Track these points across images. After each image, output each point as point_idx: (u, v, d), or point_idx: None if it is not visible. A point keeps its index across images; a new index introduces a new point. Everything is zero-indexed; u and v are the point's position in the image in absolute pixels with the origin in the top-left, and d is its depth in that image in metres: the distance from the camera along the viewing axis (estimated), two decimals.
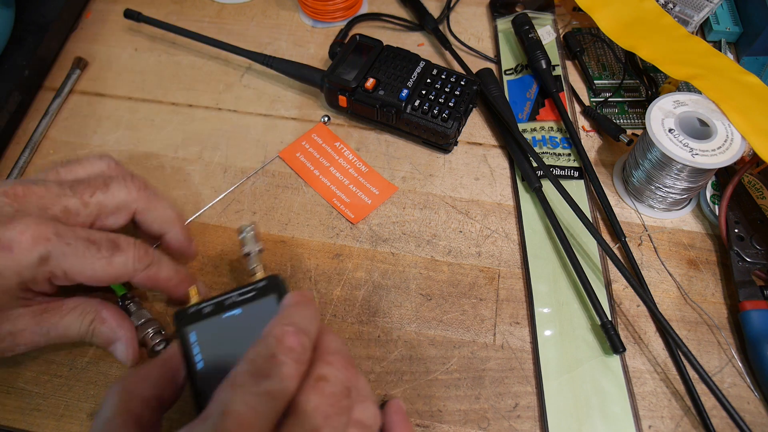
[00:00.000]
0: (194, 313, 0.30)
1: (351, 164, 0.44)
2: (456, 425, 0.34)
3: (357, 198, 0.42)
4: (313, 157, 0.44)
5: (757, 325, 0.35)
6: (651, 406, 0.34)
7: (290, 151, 0.45)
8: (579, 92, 0.47)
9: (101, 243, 0.31)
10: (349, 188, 0.43)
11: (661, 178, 0.38)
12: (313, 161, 0.44)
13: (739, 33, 0.48)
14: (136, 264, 0.32)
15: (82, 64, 0.50)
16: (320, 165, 0.44)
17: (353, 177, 0.43)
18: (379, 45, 0.46)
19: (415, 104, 0.43)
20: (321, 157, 0.44)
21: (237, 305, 0.30)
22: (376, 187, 0.43)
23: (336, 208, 0.42)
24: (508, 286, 0.39)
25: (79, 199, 0.32)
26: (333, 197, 0.42)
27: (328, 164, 0.44)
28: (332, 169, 0.43)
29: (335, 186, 0.43)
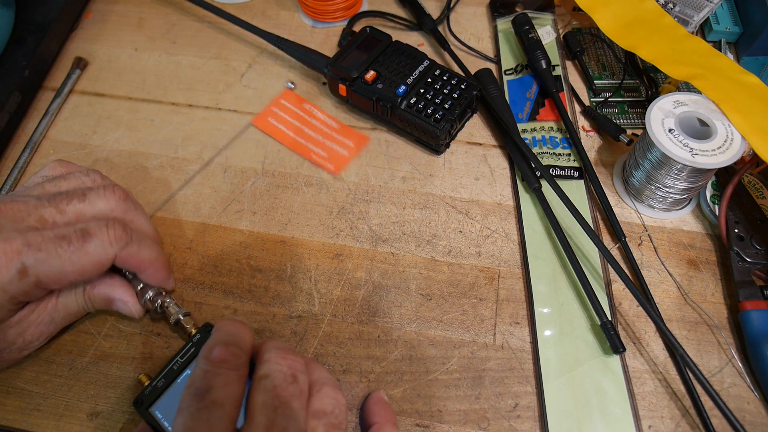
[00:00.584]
0: (151, 392, 0.32)
1: (322, 122, 0.45)
2: (456, 425, 0.34)
3: (333, 151, 0.44)
4: (285, 120, 0.46)
5: (757, 325, 0.35)
6: (651, 406, 0.34)
7: (262, 118, 0.46)
8: (579, 92, 0.47)
9: (71, 236, 0.31)
10: (324, 143, 0.45)
11: (661, 178, 0.38)
12: (285, 124, 0.46)
13: (739, 33, 0.48)
14: (114, 244, 0.32)
15: (82, 64, 0.50)
16: (293, 126, 0.46)
17: (326, 133, 0.45)
18: (387, 39, 0.46)
19: (411, 101, 0.43)
20: (292, 119, 0.46)
21: (185, 366, 0.33)
22: (350, 140, 0.45)
23: (315, 163, 0.44)
24: (508, 286, 0.39)
25: (54, 208, 0.32)
26: (311, 153, 0.44)
27: (300, 124, 0.46)
28: (305, 128, 0.45)
29: (311, 143, 0.45)
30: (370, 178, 0.43)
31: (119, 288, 0.35)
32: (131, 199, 0.36)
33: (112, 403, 0.35)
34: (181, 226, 0.41)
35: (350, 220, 0.41)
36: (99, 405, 0.35)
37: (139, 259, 0.34)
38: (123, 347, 0.37)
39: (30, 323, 0.33)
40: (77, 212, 0.33)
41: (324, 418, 0.28)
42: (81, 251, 0.31)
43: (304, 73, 0.49)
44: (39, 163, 0.45)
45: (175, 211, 0.42)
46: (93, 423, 0.34)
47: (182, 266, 0.40)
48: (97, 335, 0.37)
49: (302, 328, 0.37)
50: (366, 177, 0.43)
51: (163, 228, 0.41)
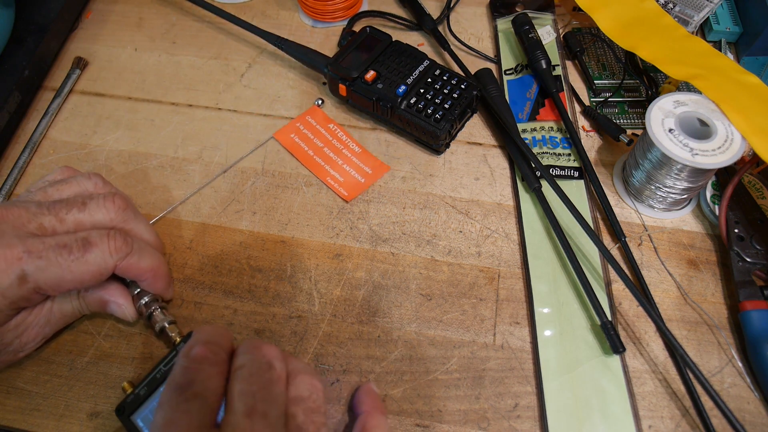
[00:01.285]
0: (133, 400, 0.32)
1: (344, 144, 0.44)
2: (456, 425, 0.34)
3: (350, 176, 0.43)
4: (307, 137, 0.45)
5: (757, 325, 0.35)
6: (651, 406, 0.34)
7: (285, 133, 0.45)
8: (579, 92, 0.47)
9: (71, 245, 0.31)
10: (342, 167, 0.43)
11: (661, 178, 0.38)
12: (307, 141, 0.45)
13: (739, 33, 0.48)
14: (114, 255, 0.32)
15: (82, 64, 0.50)
16: (314, 145, 0.45)
17: (346, 157, 0.44)
18: (387, 39, 0.46)
19: (411, 101, 0.43)
20: (315, 137, 0.45)
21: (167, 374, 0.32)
22: (368, 166, 0.44)
23: (330, 187, 0.43)
24: (508, 286, 0.39)
25: (54, 216, 0.32)
26: (327, 176, 0.43)
27: (322, 144, 0.45)
28: (326, 149, 0.44)
29: (329, 165, 0.44)
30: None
31: (114, 291, 0.35)
32: (131, 207, 0.36)
33: (112, 403, 0.35)
34: (181, 226, 0.41)
35: (350, 220, 0.41)
36: (99, 405, 0.35)
37: (139, 269, 0.34)
38: (123, 347, 0.37)
39: (27, 326, 0.33)
40: (76, 221, 0.33)
41: (302, 403, 0.28)
42: (81, 260, 0.31)
43: (304, 73, 0.49)
44: (39, 163, 0.45)
45: (175, 211, 0.42)
46: (93, 423, 0.34)
47: (182, 266, 0.40)
48: (97, 335, 0.37)
49: (302, 328, 0.37)
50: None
51: (163, 228, 0.41)
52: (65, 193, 0.35)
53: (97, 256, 0.32)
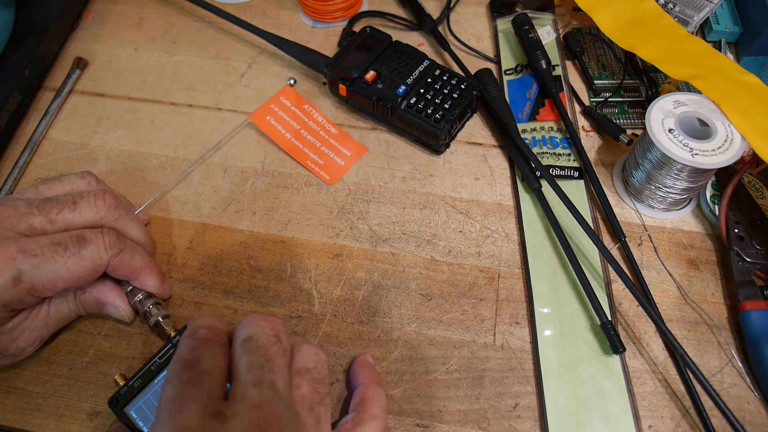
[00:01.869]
0: (127, 391, 0.32)
1: (321, 126, 0.44)
2: (456, 425, 0.34)
3: (330, 159, 0.43)
4: (283, 120, 0.45)
5: (757, 325, 0.35)
6: (651, 406, 0.34)
7: (260, 115, 0.45)
8: (579, 92, 0.47)
9: (66, 242, 0.31)
10: (321, 150, 0.43)
11: (661, 178, 0.38)
12: (283, 124, 0.44)
13: (739, 33, 0.48)
14: (108, 251, 0.33)
15: (82, 64, 0.50)
16: (290, 127, 0.44)
17: (324, 139, 0.44)
18: (387, 39, 0.46)
19: (411, 101, 0.43)
20: (291, 119, 0.45)
21: (162, 367, 0.33)
22: (347, 149, 0.44)
23: (311, 170, 0.43)
24: (508, 286, 0.39)
25: (44, 216, 0.32)
26: (307, 159, 0.43)
27: (299, 127, 0.44)
28: (303, 131, 0.44)
29: (308, 148, 0.44)
30: (370, 178, 0.43)
31: (110, 292, 0.35)
32: (122, 205, 0.36)
33: None
34: (181, 226, 0.41)
35: (350, 220, 0.41)
36: (99, 405, 0.35)
37: (132, 266, 0.34)
38: (123, 347, 0.37)
39: (23, 330, 0.33)
40: (67, 221, 0.33)
41: (307, 374, 0.29)
42: (77, 257, 0.31)
43: (304, 73, 0.49)
44: (39, 163, 0.45)
45: (175, 211, 0.42)
46: (93, 423, 0.34)
47: (182, 266, 0.40)
48: (97, 335, 0.37)
49: (302, 328, 0.37)
50: (366, 177, 0.43)
51: (163, 228, 0.41)
52: (57, 190, 0.35)
53: (92, 252, 0.32)
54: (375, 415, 0.31)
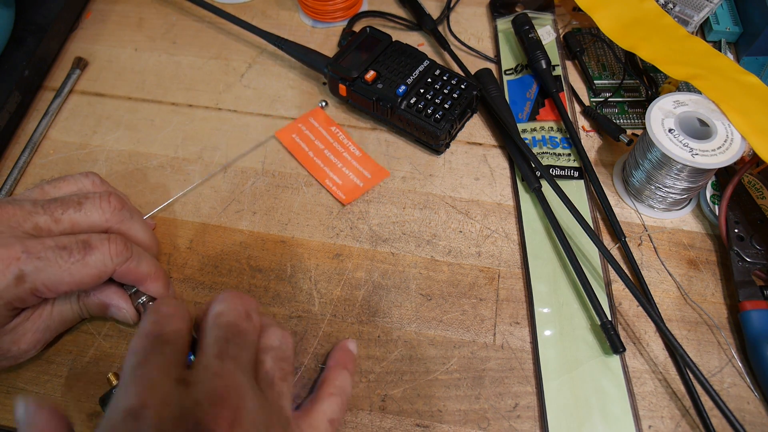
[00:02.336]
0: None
1: (345, 148, 0.44)
2: (456, 425, 0.34)
3: (348, 180, 0.43)
4: (308, 138, 0.45)
5: (757, 325, 0.35)
6: (651, 406, 0.34)
7: (286, 132, 0.45)
8: (579, 92, 0.47)
9: (72, 246, 0.31)
10: (341, 170, 0.43)
11: (661, 178, 0.38)
12: (307, 142, 0.45)
13: (739, 33, 0.48)
14: (114, 259, 0.32)
15: (82, 64, 0.50)
16: (314, 147, 0.44)
17: (346, 160, 0.44)
18: (387, 39, 0.46)
19: (411, 101, 0.43)
20: (316, 139, 0.45)
21: None
22: (368, 171, 0.43)
23: (328, 189, 0.43)
24: (508, 286, 0.39)
25: (50, 216, 0.32)
26: (325, 178, 0.43)
27: (323, 146, 0.44)
28: (326, 151, 0.44)
29: (328, 167, 0.43)
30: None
31: (114, 295, 0.35)
32: (127, 207, 0.36)
33: None
34: (181, 226, 0.41)
35: (350, 220, 0.41)
36: (99, 405, 0.35)
37: (138, 273, 0.34)
38: (123, 347, 0.37)
39: (25, 331, 0.33)
40: (72, 221, 0.33)
41: (272, 351, 0.29)
42: (81, 263, 0.31)
43: (304, 73, 0.49)
44: (39, 163, 0.45)
45: (175, 211, 0.42)
46: (93, 423, 0.34)
47: (182, 266, 0.40)
48: (97, 335, 0.37)
49: (302, 328, 0.37)
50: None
51: (163, 228, 0.41)
52: (62, 190, 0.35)
53: (97, 259, 0.32)
54: (332, 393, 0.32)
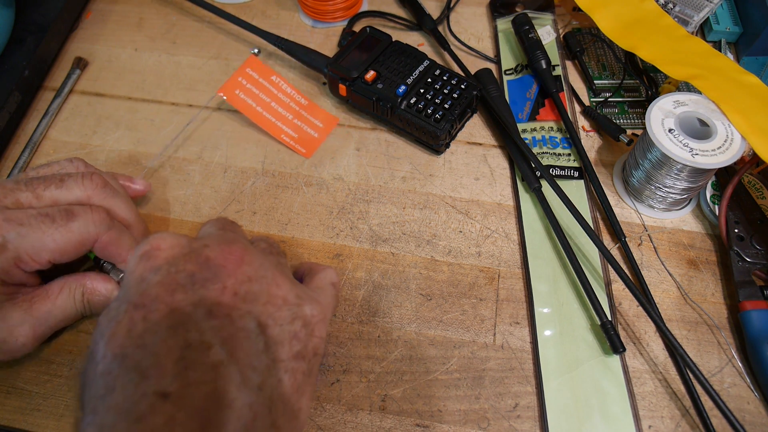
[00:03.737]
0: None
1: (290, 98, 0.44)
2: (456, 425, 0.34)
3: (303, 132, 0.43)
4: (253, 93, 0.44)
5: (757, 325, 0.35)
6: (651, 406, 0.34)
7: (230, 89, 0.44)
8: (579, 92, 0.47)
9: (54, 214, 0.32)
10: (294, 123, 0.43)
11: (661, 178, 0.38)
12: (253, 98, 0.44)
13: (739, 33, 0.48)
14: (97, 226, 0.33)
15: (82, 64, 0.50)
16: (261, 101, 0.44)
17: (295, 111, 0.43)
18: (387, 39, 0.46)
19: (411, 101, 0.43)
20: (260, 92, 0.44)
21: None
22: (319, 120, 0.43)
23: (286, 145, 0.42)
24: (508, 286, 0.39)
25: (31, 192, 0.32)
26: (281, 134, 0.43)
27: (269, 99, 0.44)
28: (273, 104, 0.44)
29: (280, 122, 0.43)
30: (370, 178, 0.43)
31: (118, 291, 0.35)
32: (111, 186, 0.35)
33: None
34: (181, 226, 0.41)
35: (350, 220, 0.41)
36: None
37: (120, 246, 0.34)
38: None
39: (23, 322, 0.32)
40: (53, 198, 0.33)
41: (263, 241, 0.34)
42: (65, 228, 0.31)
43: (304, 73, 0.49)
44: (39, 164, 0.45)
45: (175, 211, 0.42)
46: None
47: None
48: None
49: None
50: (366, 177, 0.43)
51: (163, 228, 0.41)
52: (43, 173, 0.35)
53: (80, 225, 0.32)
54: (325, 267, 0.35)
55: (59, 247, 0.31)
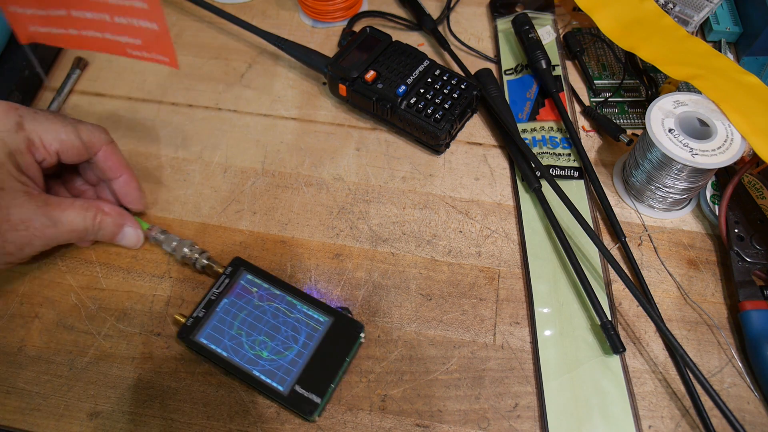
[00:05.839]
0: (193, 323, 0.36)
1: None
2: (456, 425, 0.34)
3: (143, 32, 0.31)
4: (49, 18, 0.31)
5: (757, 325, 0.35)
6: (651, 406, 0.34)
7: (20, 29, 0.32)
8: (579, 92, 0.47)
9: (65, 117, 0.36)
10: (123, 26, 0.31)
11: (661, 178, 0.38)
12: (52, 22, 0.32)
13: (739, 33, 0.48)
14: (100, 135, 0.37)
15: (82, 64, 0.50)
16: (64, 20, 0.31)
17: (110, 6, 0.30)
18: (387, 39, 0.46)
19: (411, 101, 0.43)
20: (50, 9, 0.31)
21: (222, 296, 0.36)
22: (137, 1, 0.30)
23: (141, 59, 0.32)
24: (508, 286, 0.39)
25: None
26: (125, 48, 0.32)
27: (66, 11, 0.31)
28: (75, 12, 0.31)
29: (109, 32, 0.31)
30: (370, 178, 0.43)
31: (129, 217, 0.39)
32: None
33: (112, 403, 0.35)
34: (181, 226, 0.41)
35: (350, 220, 0.41)
36: (99, 405, 0.35)
37: (120, 160, 0.38)
38: (123, 347, 0.37)
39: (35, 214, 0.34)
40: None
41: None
42: (74, 127, 0.35)
43: (304, 73, 0.49)
44: None
45: (175, 211, 0.42)
46: (93, 423, 0.34)
47: (182, 266, 0.40)
48: (97, 335, 0.37)
49: None
50: (366, 177, 0.43)
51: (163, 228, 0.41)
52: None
53: (89, 129, 0.36)
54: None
55: (68, 140, 0.35)
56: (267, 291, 0.37)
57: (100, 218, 0.37)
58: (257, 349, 0.35)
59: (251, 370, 0.34)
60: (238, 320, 0.35)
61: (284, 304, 0.36)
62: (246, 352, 0.34)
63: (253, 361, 0.34)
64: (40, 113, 0.35)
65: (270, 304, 0.36)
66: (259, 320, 0.36)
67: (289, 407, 0.34)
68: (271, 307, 0.36)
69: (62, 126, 0.35)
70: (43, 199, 0.35)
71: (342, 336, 0.35)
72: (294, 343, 0.35)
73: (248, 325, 0.35)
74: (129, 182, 0.39)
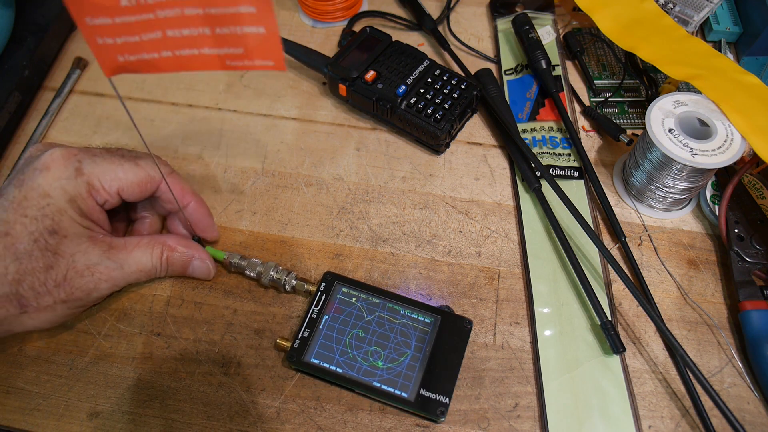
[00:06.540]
0: (300, 344, 0.35)
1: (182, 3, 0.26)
2: (456, 425, 0.34)
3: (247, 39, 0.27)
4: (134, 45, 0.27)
5: (757, 325, 0.35)
6: (651, 406, 0.34)
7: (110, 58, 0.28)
8: (579, 92, 0.47)
9: (123, 154, 0.35)
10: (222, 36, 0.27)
11: (661, 178, 0.38)
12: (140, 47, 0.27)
13: (739, 33, 0.48)
14: (162, 166, 0.35)
15: (82, 64, 0.50)
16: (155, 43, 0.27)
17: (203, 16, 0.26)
18: (387, 39, 0.46)
19: (411, 101, 0.43)
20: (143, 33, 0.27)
21: (321, 313, 0.36)
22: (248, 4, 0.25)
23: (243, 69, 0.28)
24: (508, 286, 0.39)
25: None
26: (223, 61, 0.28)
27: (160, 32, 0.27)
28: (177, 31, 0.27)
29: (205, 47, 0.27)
30: (370, 178, 0.43)
31: (197, 248, 0.38)
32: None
33: (112, 403, 0.35)
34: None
35: (350, 220, 0.41)
36: (99, 405, 0.35)
37: (183, 188, 0.37)
38: (123, 347, 0.37)
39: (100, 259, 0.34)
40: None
41: None
42: (133, 163, 0.35)
43: (304, 73, 0.49)
44: None
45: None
46: (93, 423, 0.34)
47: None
48: (97, 335, 0.37)
49: None
50: (366, 177, 0.43)
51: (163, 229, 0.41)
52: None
53: (147, 163, 0.35)
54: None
55: (128, 179, 0.34)
56: (366, 301, 0.37)
57: (167, 255, 0.36)
58: (371, 360, 0.34)
59: (371, 382, 0.34)
60: (345, 334, 0.35)
61: (387, 312, 0.36)
62: (361, 365, 0.34)
63: (370, 372, 0.34)
64: (99, 154, 0.34)
65: (373, 314, 0.36)
66: (366, 331, 0.35)
67: (418, 412, 0.33)
68: (374, 316, 0.36)
69: (120, 165, 0.34)
70: (107, 242, 0.34)
71: (452, 333, 0.35)
72: (407, 348, 0.35)
73: (356, 338, 0.35)
74: (197, 209, 0.38)
